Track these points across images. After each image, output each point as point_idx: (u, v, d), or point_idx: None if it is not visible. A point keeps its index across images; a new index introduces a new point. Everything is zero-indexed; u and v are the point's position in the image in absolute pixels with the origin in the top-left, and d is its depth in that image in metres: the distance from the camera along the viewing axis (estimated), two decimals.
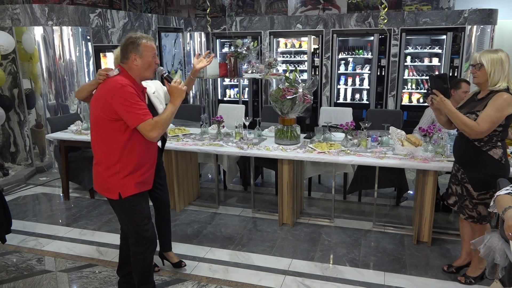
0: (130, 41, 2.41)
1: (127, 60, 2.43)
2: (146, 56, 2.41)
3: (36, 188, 5.22)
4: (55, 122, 4.89)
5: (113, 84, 2.34)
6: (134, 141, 2.41)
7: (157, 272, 3.22)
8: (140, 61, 2.41)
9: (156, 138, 2.40)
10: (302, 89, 3.81)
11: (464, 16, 6.76)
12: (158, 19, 7.29)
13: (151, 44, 2.44)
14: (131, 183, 2.46)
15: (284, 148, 3.86)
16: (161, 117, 2.41)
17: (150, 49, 2.43)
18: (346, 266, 3.31)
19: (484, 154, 2.72)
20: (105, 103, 2.33)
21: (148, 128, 2.33)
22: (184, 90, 2.50)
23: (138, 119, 2.31)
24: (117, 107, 2.30)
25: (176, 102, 2.48)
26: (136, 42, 2.39)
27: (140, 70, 2.43)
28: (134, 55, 2.40)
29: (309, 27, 7.60)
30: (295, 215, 4.09)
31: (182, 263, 3.27)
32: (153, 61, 2.46)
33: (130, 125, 2.33)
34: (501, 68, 2.64)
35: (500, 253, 2.25)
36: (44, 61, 5.50)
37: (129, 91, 2.31)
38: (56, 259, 3.47)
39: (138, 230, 2.57)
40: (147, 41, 2.43)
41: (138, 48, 2.39)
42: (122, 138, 2.38)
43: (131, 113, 2.31)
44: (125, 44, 2.42)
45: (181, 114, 5.74)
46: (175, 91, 2.47)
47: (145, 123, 2.32)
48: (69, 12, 5.48)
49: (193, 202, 4.62)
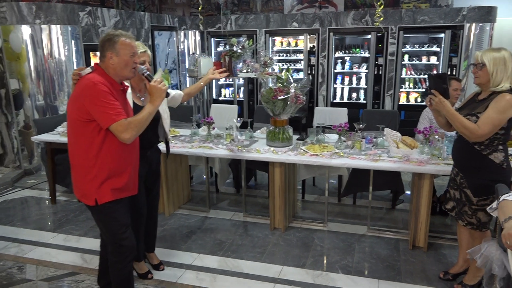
0: (107, 38, 2.29)
1: (104, 58, 2.31)
2: (123, 55, 2.29)
3: (23, 191, 5.09)
4: (42, 123, 4.76)
5: (85, 83, 2.22)
6: (110, 144, 2.29)
7: (150, 279, 3.11)
8: (116, 60, 2.28)
9: (129, 140, 2.26)
10: (295, 89, 3.68)
11: (463, 14, 6.63)
12: (151, 18, 7.15)
13: (129, 42, 2.31)
14: (108, 189, 2.34)
15: (275, 151, 3.73)
16: (136, 118, 2.28)
17: (128, 48, 2.30)
18: (339, 274, 3.18)
19: (485, 159, 2.59)
20: (78, 103, 2.21)
21: (120, 129, 2.21)
22: (164, 90, 2.37)
23: (109, 119, 2.19)
24: (89, 106, 2.18)
25: (155, 103, 2.35)
26: (113, 40, 2.27)
27: (117, 69, 2.30)
28: (110, 53, 2.28)
29: (305, 25, 7.47)
30: (287, 219, 3.96)
31: (161, 266, 3.24)
32: (131, 60, 2.32)
33: (102, 125, 2.21)
34: (504, 67, 2.49)
35: (498, 263, 2.12)
36: (32, 61, 5.37)
37: (101, 89, 2.19)
38: (38, 267, 3.34)
39: (115, 238, 2.45)
40: (126, 39, 2.30)
41: (115, 46, 2.27)
42: (97, 141, 2.26)
43: (103, 112, 2.18)
44: (102, 42, 2.31)
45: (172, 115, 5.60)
46: (154, 91, 2.35)
47: (117, 123, 2.20)
48: (58, 10, 5.35)
49: (183, 206, 4.49)
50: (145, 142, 2.71)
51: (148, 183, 2.99)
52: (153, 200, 3.11)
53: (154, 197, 3.11)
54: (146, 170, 2.89)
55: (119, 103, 2.27)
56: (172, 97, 3.25)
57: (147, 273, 3.12)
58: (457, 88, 3.92)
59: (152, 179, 3.00)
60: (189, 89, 3.40)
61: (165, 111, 2.98)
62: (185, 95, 3.35)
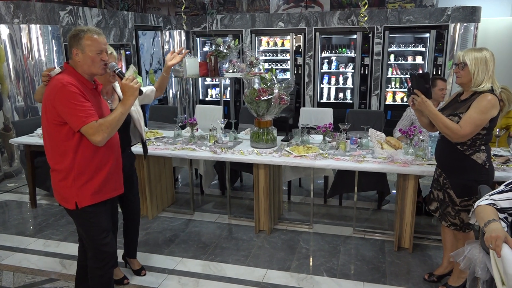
0: (72, 34, 2.20)
1: (71, 55, 2.22)
2: (88, 51, 2.18)
3: (3, 194, 4.96)
4: (21, 125, 4.64)
5: (54, 84, 2.13)
6: (86, 146, 2.20)
7: (126, 284, 3.03)
8: (81, 56, 2.18)
9: (101, 142, 2.17)
10: (278, 90, 3.64)
11: (448, 14, 6.66)
12: (135, 17, 7.04)
13: (96, 38, 2.20)
14: (87, 192, 2.26)
15: (259, 152, 3.68)
16: (107, 119, 2.18)
17: (94, 44, 2.19)
18: (324, 276, 3.14)
19: (468, 159, 2.57)
20: (49, 106, 2.13)
21: (90, 131, 2.12)
22: (137, 88, 2.26)
23: (79, 121, 2.10)
24: (59, 109, 2.10)
25: (127, 102, 2.24)
26: (79, 36, 2.17)
27: (84, 67, 2.21)
28: (75, 50, 2.18)
29: (291, 25, 7.43)
30: (272, 221, 3.91)
31: (142, 271, 3.17)
32: (97, 57, 2.21)
33: (73, 128, 2.13)
34: (485, 67, 2.48)
35: (481, 266, 2.10)
36: (11, 61, 5.23)
37: (70, 90, 2.10)
38: (15, 273, 3.23)
39: (95, 244, 2.37)
40: (93, 34, 2.19)
41: (80, 42, 2.17)
42: (72, 143, 2.18)
43: (73, 115, 2.10)
44: (68, 38, 2.21)
45: (156, 116, 5.54)
46: (126, 88, 2.24)
47: (87, 125, 2.11)
48: (37, 9, 5.22)
49: (167, 209, 4.41)
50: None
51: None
52: (131, 206, 3.03)
53: (132, 203, 3.02)
54: None
55: (91, 103, 2.18)
56: (145, 94, 3.10)
57: (123, 278, 3.04)
58: (443, 88, 3.92)
59: (126, 185, 2.88)
60: (157, 83, 3.22)
61: (137, 112, 2.88)
62: (157, 91, 3.21)
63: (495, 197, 2.06)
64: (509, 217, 2.03)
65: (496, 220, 1.91)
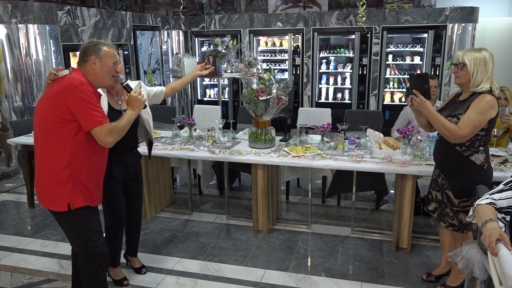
0: (91, 44, 2.33)
1: (85, 64, 2.31)
2: (106, 61, 2.33)
3: (0, 195, 4.94)
4: (19, 125, 4.62)
5: (69, 81, 2.15)
6: (85, 147, 2.22)
7: (126, 286, 3.02)
8: (99, 65, 2.31)
9: (111, 144, 2.26)
10: (276, 90, 3.63)
11: (446, 14, 6.67)
12: (133, 17, 7.03)
13: (112, 51, 2.39)
14: (80, 194, 2.26)
15: (257, 152, 3.68)
16: (119, 123, 2.29)
17: (111, 55, 2.37)
18: (322, 277, 3.14)
19: (466, 160, 2.57)
20: (58, 102, 2.13)
21: (104, 133, 2.19)
22: (143, 101, 2.41)
23: (95, 121, 2.16)
24: (73, 106, 2.12)
25: (135, 110, 2.39)
26: (98, 46, 2.32)
27: (98, 75, 2.32)
28: (94, 58, 2.29)
29: (289, 25, 7.43)
30: (270, 222, 3.91)
31: (143, 269, 3.20)
32: (113, 68, 2.37)
33: (84, 127, 2.17)
34: (484, 68, 2.48)
35: (479, 266, 2.10)
36: (9, 61, 5.21)
37: (88, 89, 2.18)
38: (12, 274, 3.22)
39: (87, 246, 2.36)
40: (109, 48, 2.38)
41: (99, 52, 2.31)
42: (72, 143, 2.18)
43: (88, 114, 2.15)
44: (85, 47, 2.33)
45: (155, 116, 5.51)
46: (134, 101, 2.38)
47: (102, 126, 2.18)
48: (35, 9, 5.21)
49: (165, 209, 4.41)
50: (122, 147, 2.64)
51: (128, 187, 2.93)
52: (134, 204, 3.04)
53: (135, 200, 3.04)
54: (124, 174, 2.83)
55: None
56: (154, 94, 3.20)
57: (123, 279, 3.04)
58: (435, 86, 3.92)
59: (131, 183, 2.94)
60: (174, 84, 3.35)
61: (146, 112, 2.90)
62: (170, 90, 3.31)
63: (495, 196, 2.06)
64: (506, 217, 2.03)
65: (493, 220, 1.91)
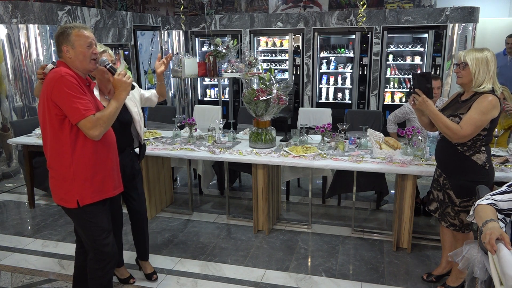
0: (60, 31, 2.19)
1: (61, 53, 2.21)
2: (78, 46, 2.17)
3: (1, 195, 4.94)
4: (19, 125, 4.63)
5: (52, 76, 2.11)
6: (84, 141, 2.19)
7: (132, 284, 3.02)
8: (73, 53, 2.18)
9: (98, 137, 2.18)
10: (277, 90, 3.64)
11: (446, 14, 6.67)
12: (134, 17, 7.03)
13: (83, 33, 2.20)
14: (88, 191, 2.25)
15: (258, 152, 3.68)
16: (104, 113, 2.19)
17: (82, 38, 2.19)
18: (322, 277, 3.14)
19: (468, 160, 2.57)
20: (47, 99, 2.11)
21: (89, 125, 2.12)
22: (129, 83, 2.29)
23: (79, 114, 2.09)
24: (58, 100, 2.08)
25: (120, 97, 2.27)
26: (66, 32, 2.17)
27: (76, 62, 2.20)
28: (65, 47, 2.18)
29: (290, 25, 7.43)
30: (271, 222, 3.91)
31: (153, 276, 3.11)
32: (88, 51, 2.20)
33: (71, 120, 2.12)
34: (486, 68, 2.48)
35: (479, 266, 2.10)
36: (10, 61, 5.22)
37: (69, 80, 2.09)
38: (13, 274, 3.23)
39: (96, 244, 2.36)
40: (79, 30, 2.19)
41: (69, 38, 2.16)
42: (69, 139, 2.16)
43: (72, 107, 2.08)
44: (56, 36, 2.21)
45: (155, 116, 5.53)
46: (119, 84, 2.27)
47: (86, 119, 2.10)
48: (35, 9, 5.21)
49: (165, 209, 4.41)
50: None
51: (126, 188, 2.86)
52: (136, 205, 2.99)
53: (136, 201, 2.98)
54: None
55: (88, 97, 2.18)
56: (148, 98, 3.19)
57: (129, 278, 3.03)
58: (438, 86, 3.92)
59: (129, 185, 2.86)
60: (157, 89, 3.28)
61: (138, 113, 2.88)
62: (159, 96, 3.28)
63: (496, 198, 2.06)
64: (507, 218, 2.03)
65: (494, 220, 1.91)
